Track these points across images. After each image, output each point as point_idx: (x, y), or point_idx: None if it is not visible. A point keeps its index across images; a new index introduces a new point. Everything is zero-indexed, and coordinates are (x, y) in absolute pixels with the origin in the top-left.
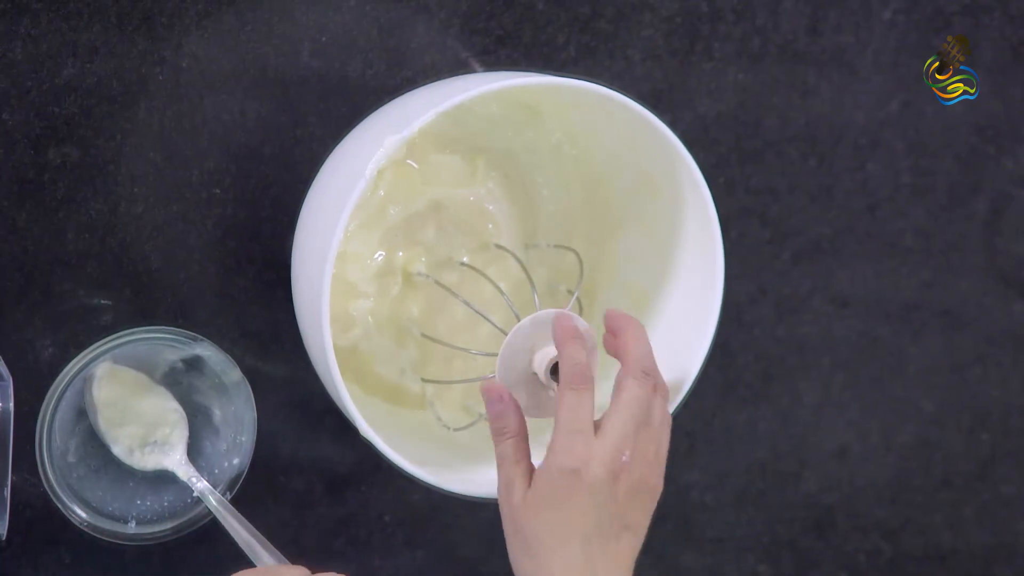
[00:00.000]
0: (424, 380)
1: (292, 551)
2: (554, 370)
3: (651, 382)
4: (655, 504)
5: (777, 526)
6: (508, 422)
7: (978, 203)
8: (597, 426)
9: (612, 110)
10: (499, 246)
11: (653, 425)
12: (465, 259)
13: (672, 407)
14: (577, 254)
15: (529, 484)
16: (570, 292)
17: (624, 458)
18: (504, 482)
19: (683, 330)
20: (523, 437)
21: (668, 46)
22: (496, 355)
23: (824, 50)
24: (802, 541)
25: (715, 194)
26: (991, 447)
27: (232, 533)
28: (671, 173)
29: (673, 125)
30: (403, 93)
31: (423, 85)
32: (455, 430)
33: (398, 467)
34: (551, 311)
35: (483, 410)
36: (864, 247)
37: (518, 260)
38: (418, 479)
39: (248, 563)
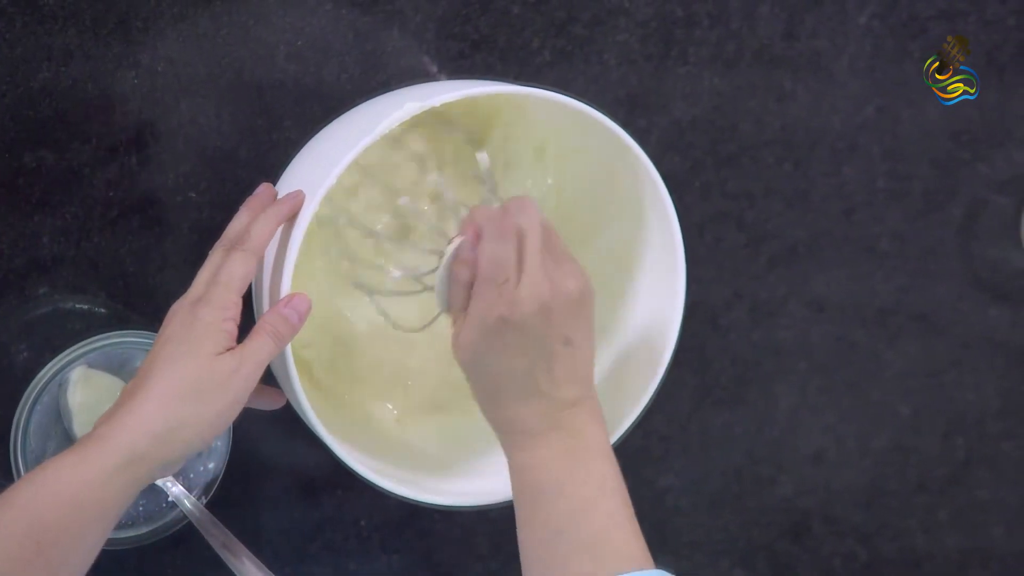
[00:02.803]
0: (372, 292)
1: (268, 555)
2: None
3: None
4: (588, 308)
5: (753, 530)
6: (462, 273)
7: (954, 208)
8: None
9: (576, 118)
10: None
11: (550, 247)
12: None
13: (639, 407)
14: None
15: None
16: (490, 191)
17: (547, 292)
18: (452, 325)
19: (649, 331)
20: (470, 288)
21: (643, 51)
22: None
23: (800, 55)
24: (778, 545)
25: (691, 199)
26: (966, 451)
27: (208, 537)
28: (633, 177)
29: (648, 130)
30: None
31: (396, 88)
32: (408, 331)
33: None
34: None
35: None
36: (840, 251)
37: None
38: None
39: (225, 568)
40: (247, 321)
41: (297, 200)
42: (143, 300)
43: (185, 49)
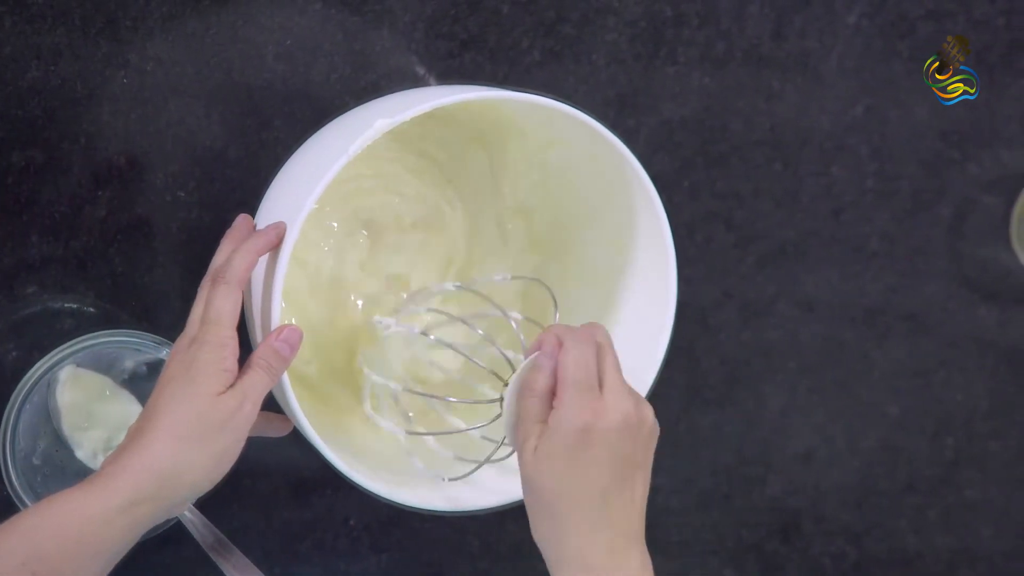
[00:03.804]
0: (410, 433)
1: (257, 554)
2: None
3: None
4: (655, 444)
5: (742, 530)
6: (540, 380)
7: (943, 208)
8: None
9: (566, 122)
10: (460, 286)
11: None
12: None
13: None
14: (546, 286)
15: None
16: (552, 307)
17: (629, 402)
18: (522, 439)
19: (641, 334)
20: (549, 398)
21: (632, 50)
22: (481, 401)
23: (789, 55)
24: (767, 545)
25: (680, 198)
26: (955, 451)
27: (197, 536)
28: (622, 177)
29: (637, 130)
30: (367, 98)
31: (387, 90)
32: (450, 480)
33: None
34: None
35: (480, 457)
36: (829, 251)
37: (499, 308)
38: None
39: (214, 567)
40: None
41: (278, 230)
42: (132, 299)
43: (174, 49)
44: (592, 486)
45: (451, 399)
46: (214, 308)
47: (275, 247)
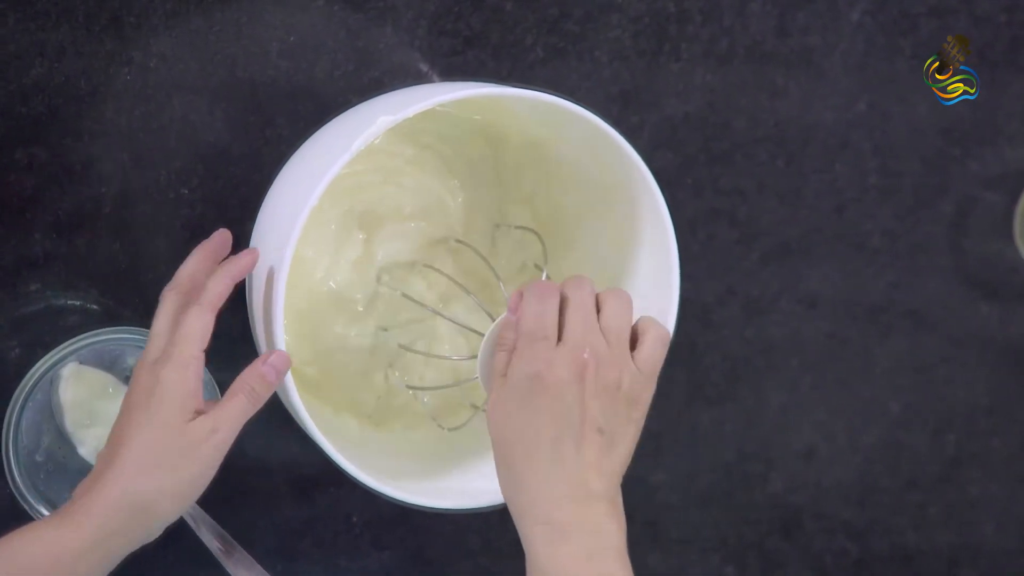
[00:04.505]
0: (409, 388)
1: (259, 551)
2: None
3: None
4: (640, 413)
5: (743, 527)
6: (508, 336)
7: (945, 205)
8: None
9: (569, 119)
10: (459, 241)
11: (611, 328)
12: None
13: None
14: (537, 234)
15: None
16: (538, 268)
17: (585, 355)
18: (488, 392)
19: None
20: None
21: (636, 47)
22: (473, 357)
23: (792, 51)
24: (768, 542)
25: (683, 195)
26: (956, 448)
27: (199, 534)
28: (625, 174)
29: (641, 126)
30: (370, 95)
31: (390, 87)
32: (451, 429)
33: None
34: None
35: (477, 402)
36: (832, 248)
37: (482, 257)
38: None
39: (217, 564)
40: (245, 330)
41: (253, 256)
42: (135, 297)
43: (178, 46)
44: (540, 435)
45: (430, 354)
46: (185, 326)
47: (248, 271)
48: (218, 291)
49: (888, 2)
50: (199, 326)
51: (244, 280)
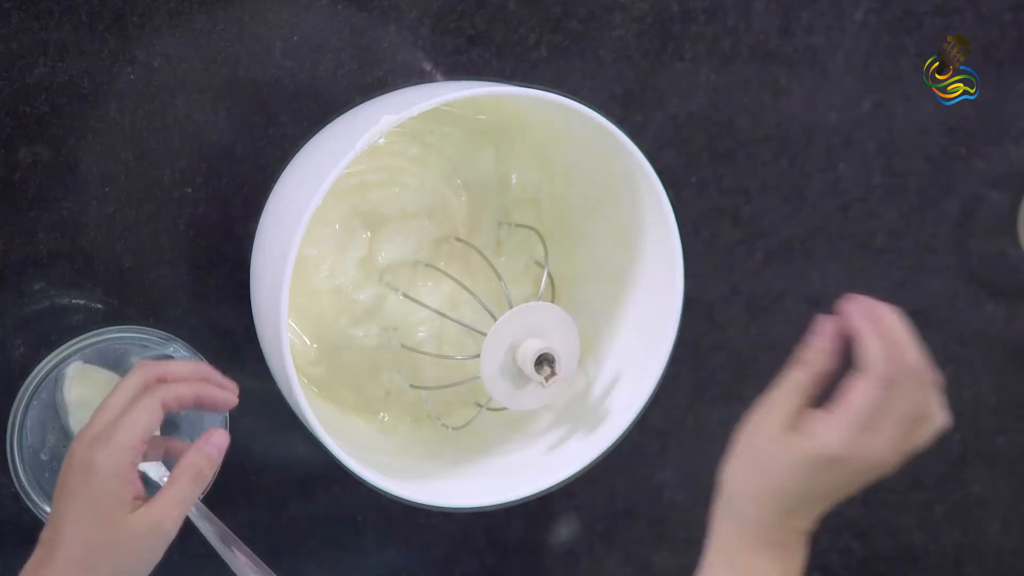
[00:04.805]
0: (413, 386)
1: (264, 550)
2: (538, 362)
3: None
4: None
5: None
6: (818, 359)
7: (949, 204)
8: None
9: (572, 118)
10: (461, 240)
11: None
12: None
13: (639, 405)
14: (538, 232)
15: (790, 428)
16: (539, 265)
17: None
18: (767, 408)
19: (648, 330)
20: (819, 380)
21: (639, 46)
22: (476, 356)
23: (796, 50)
24: None
25: (687, 194)
26: (962, 447)
27: (204, 533)
28: (629, 173)
29: (644, 126)
30: (374, 94)
31: (394, 86)
32: (455, 428)
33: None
34: (524, 306)
35: (481, 401)
36: (836, 247)
37: (484, 257)
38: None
39: (221, 562)
40: (250, 331)
41: (225, 397)
42: (139, 295)
43: (181, 45)
44: (805, 501)
45: (432, 354)
46: (133, 413)
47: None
48: (178, 393)
49: (892, 1)
50: (145, 418)
51: (249, 288)
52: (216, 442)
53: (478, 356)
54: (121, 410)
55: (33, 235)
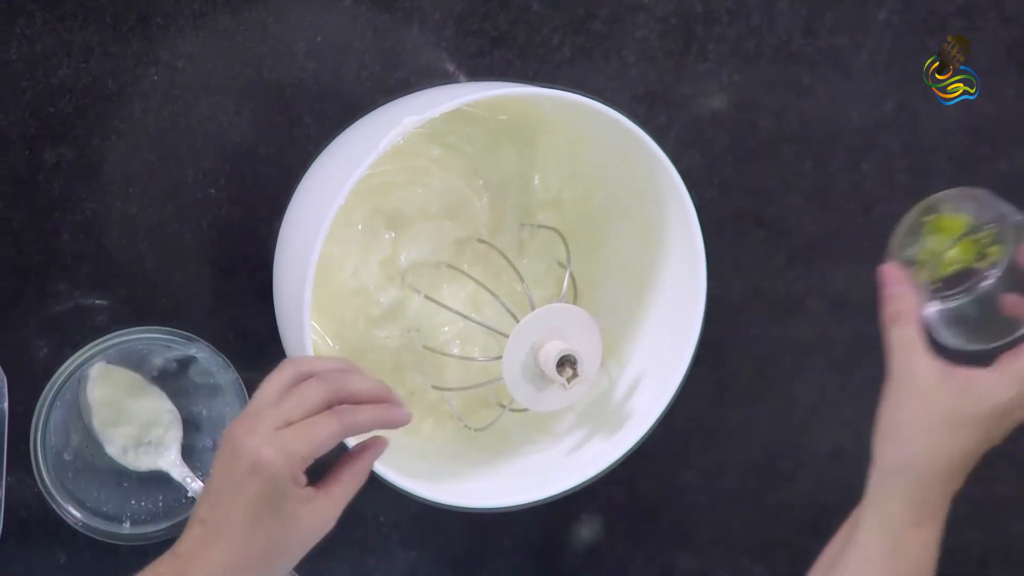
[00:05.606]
0: (435, 388)
1: None
2: (560, 363)
3: None
4: None
5: (772, 527)
6: (904, 305)
7: None
8: None
9: (595, 119)
10: (482, 241)
11: None
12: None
13: (662, 406)
14: (560, 233)
15: (930, 374)
16: (561, 266)
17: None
18: (902, 369)
19: (671, 330)
20: (920, 323)
21: (663, 47)
22: (499, 358)
23: (819, 51)
24: (797, 542)
25: (710, 195)
26: None
27: None
28: (652, 173)
29: (668, 126)
30: (397, 95)
31: (417, 87)
32: (478, 430)
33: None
34: (546, 308)
35: (503, 401)
36: (859, 248)
37: (506, 258)
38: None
39: None
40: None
41: (401, 415)
42: (162, 296)
43: (205, 46)
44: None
45: (454, 356)
46: (316, 429)
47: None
48: (359, 422)
49: (916, 2)
50: (324, 438)
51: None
52: (379, 449)
53: (500, 358)
54: (278, 397)
55: (57, 236)
